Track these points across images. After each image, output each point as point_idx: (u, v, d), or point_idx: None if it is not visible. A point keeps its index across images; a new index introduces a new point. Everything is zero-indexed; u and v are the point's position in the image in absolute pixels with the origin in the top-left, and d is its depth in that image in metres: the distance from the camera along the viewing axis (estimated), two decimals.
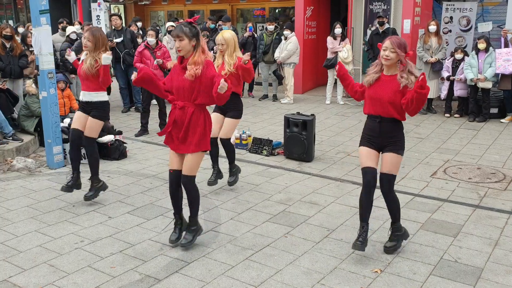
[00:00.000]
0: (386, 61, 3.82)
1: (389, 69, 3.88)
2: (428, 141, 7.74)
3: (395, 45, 3.76)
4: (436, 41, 9.43)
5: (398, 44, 3.77)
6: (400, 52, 3.76)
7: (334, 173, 6.22)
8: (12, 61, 8.22)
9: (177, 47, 3.90)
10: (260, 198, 5.42)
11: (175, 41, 3.91)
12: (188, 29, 3.89)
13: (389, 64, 3.83)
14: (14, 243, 4.35)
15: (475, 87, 8.90)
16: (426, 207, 5.11)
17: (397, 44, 3.76)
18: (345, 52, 10.11)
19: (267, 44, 10.83)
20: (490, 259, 4.04)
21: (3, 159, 6.71)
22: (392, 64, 3.84)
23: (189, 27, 3.90)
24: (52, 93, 6.40)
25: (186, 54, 3.94)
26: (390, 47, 3.77)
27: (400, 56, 3.77)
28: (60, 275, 3.80)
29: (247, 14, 14.48)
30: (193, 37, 3.90)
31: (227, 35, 5.26)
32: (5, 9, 21.87)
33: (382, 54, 3.82)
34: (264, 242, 4.36)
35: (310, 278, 3.77)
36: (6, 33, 8.17)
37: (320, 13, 12.28)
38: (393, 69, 3.86)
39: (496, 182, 5.88)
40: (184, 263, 3.98)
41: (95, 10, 15.05)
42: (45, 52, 6.27)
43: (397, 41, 3.78)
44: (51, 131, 6.45)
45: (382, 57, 3.83)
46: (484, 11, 11.01)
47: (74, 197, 5.46)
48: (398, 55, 3.77)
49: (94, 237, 4.47)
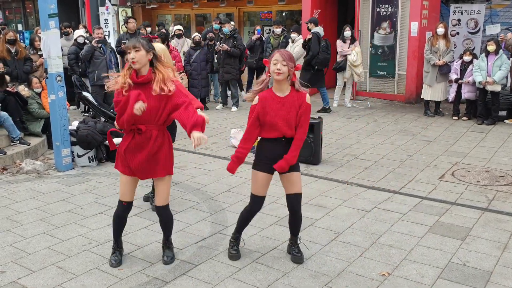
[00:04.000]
0: (279, 75, 3.61)
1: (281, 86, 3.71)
2: (436, 144, 7.71)
3: (285, 57, 3.59)
4: (444, 43, 9.39)
5: (289, 56, 3.62)
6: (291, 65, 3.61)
7: (341, 176, 6.21)
8: (18, 65, 8.29)
9: (131, 58, 3.54)
10: (267, 200, 5.37)
11: (129, 53, 3.56)
12: (146, 42, 3.62)
13: (281, 78, 3.63)
14: (23, 245, 4.38)
15: (483, 90, 8.85)
16: (434, 210, 5.09)
17: (288, 57, 3.60)
18: (354, 55, 10.10)
19: (274, 47, 10.83)
20: (499, 263, 4.01)
21: (12, 161, 6.76)
22: (284, 80, 3.66)
23: (146, 41, 3.66)
24: (60, 96, 6.45)
25: (143, 68, 3.60)
26: (281, 60, 3.58)
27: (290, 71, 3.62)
28: (68, 277, 3.82)
29: (254, 17, 14.50)
30: (150, 50, 3.61)
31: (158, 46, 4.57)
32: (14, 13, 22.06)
33: (273, 69, 3.61)
34: (271, 244, 4.36)
35: (317, 281, 3.77)
36: (10, 37, 8.25)
37: (327, 16, 12.27)
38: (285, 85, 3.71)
39: (505, 185, 5.84)
40: (192, 266, 3.99)
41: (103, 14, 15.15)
42: (53, 56, 6.31)
43: (286, 53, 3.63)
44: (59, 134, 6.49)
45: (274, 71, 3.61)
46: (492, 13, 10.96)
47: (83, 199, 5.49)
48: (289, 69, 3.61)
49: (102, 239, 4.49)
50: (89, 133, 6.70)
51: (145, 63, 3.60)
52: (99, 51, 9.09)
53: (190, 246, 4.33)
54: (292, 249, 4.11)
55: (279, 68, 3.59)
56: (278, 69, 3.59)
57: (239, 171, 6.40)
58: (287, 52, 3.70)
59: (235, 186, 5.85)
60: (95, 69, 9.02)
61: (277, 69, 3.60)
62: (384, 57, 11.12)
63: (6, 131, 7.16)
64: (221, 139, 8.19)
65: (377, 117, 9.67)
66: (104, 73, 8.99)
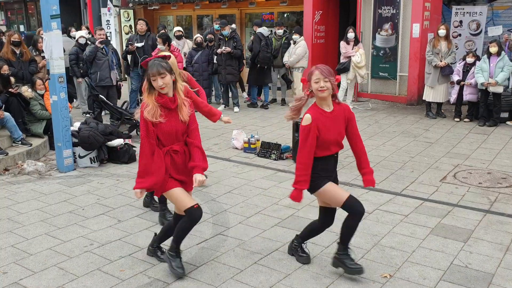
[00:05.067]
0: (324, 93, 3.56)
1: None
2: (437, 145, 7.70)
3: (325, 73, 3.54)
4: (445, 45, 9.38)
5: (328, 71, 3.56)
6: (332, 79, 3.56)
7: (343, 178, 6.20)
8: (23, 66, 8.33)
9: (160, 86, 3.54)
10: (268, 202, 5.42)
11: (154, 80, 3.56)
12: (166, 64, 3.61)
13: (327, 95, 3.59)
14: (25, 245, 4.39)
15: (485, 91, 8.84)
16: (436, 212, 5.08)
17: (328, 72, 3.55)
18: (358, 56, 10.10)
19: (275, 49, 10.84)
20: (501, 265, 4.00)
21: (14, 162, 6.77)
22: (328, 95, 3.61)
23: (165, 62, 3.65)
24: (62, 97, 6.45)
25: (169, 92, 3.63)
26: (322, 78, 3.53)
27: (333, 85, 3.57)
28: (69, 278, 3.82)
29: (255, 18, 14.51)
30: (171, 71, 3.63)
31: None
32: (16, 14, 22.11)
33: (316, 87, 3.56)
34: (273, 246, 4.35)
35: (319, 282, 3.76)
36: (15, 39, 8.29)
37: (329, 18, 12.28)
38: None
39: (507, 187, 5.83)
40: (193, 267, 3.99)
41: (105, 15, 15.18)
42: (56, 57, 6.32)
43: (325, 68, 3.58)
44: (61, 135, 6.49)
45: (318, 90, 3.56)
46: (494, 15, 10.95)
47: (84, 200, 5.49)
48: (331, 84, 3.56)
49: (103, 240, 4.49)
50: (90, 134, 6.70)
51: (171, 85, 3.64)
52: (101, 52, 9.10)
53: (191, 248, 4.33)
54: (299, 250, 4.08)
55: (322, 85, 3.54)
56: (322, 86, 3.54)
57: (240, 173, 6.42)
58: (325, 67, 3.60)
59: (237, 188, 5.85)
60: (97, 70, 9.03)
61: (320, 87, 3.55)
62: (385, 59, 11.12)
63: (8, 132, 7.18)
64: (223, 140, 8.19)
65: (378, 119, 9.67)
66: (106, 74, 9.03)
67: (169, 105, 3.62)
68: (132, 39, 9.95)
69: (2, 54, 8.26)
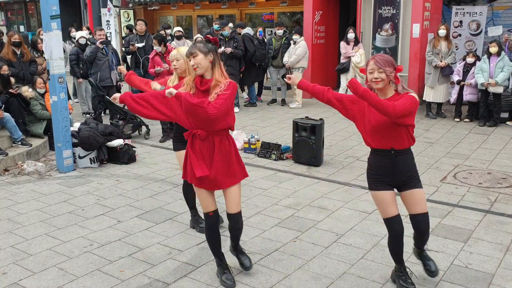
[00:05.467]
0: (378, 84, 3.33)
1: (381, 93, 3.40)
2: (437, 145, 7.69)
3: (380, 63, 3.30)
4: (445, 45, 9.38)
5: (384, 61, 3.31)
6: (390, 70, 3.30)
7: (343, 178, 6.20)
8: (23, 66, 8.33)
9: (192, 66, 3.49)
10: (268, 202, 5.41)
11: (190, 60, 3.53)
12: (202, 45, 3.49)
13: (381, 87, 3.34)
14: (24, 246, 4.38)
15: (485, 92, 8.84)
16: (436, 212, 5.07)
17: (382, 62, 3.30)
18: (358, 57, 10.10)
19: (276, 49, 10.85)
20: (501, 265, 4.00)
21: (13, 163, 6.77)
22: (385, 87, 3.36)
23: (203, 43, 3.52)
24: (62, 97, 6.45)
25: (205, 73, 3.50)
26: (376, 68, 3.30)
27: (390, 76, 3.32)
28: (69, 279, 3.82)
29: (255, 18, 14.51)
30: (209, 52, 3.47)
31: (183, 49, 4.51)
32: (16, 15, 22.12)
33: (370, 78, 3.35)
34: (272, 246, 4.35)
35: (319, 283, 3.76)
36: (15, 39, 8.30)
37: (329, 18, 12.28)
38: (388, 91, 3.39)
39: (507, 187, 5.83)
40: (193, 267, 3.98)
41: (105, 16, 15.19)
42: (55, 57, 6.32)
43: (381, 58, 3.33)
44: (61, 135, 6.49)
45: (372, 81, 3.34)
46: (494, 15, 10.95)
47: (84, 201, 5.49)
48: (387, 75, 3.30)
49: (103, 240, 4.49)
50: (90, 134, 6.70)
51: (207, 66, 3.49)
52: (101, 53, 9.10)
53: (191, 248, 4.33)
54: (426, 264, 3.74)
55: (376, 76, 3.31)
56: (375, 77, 3.32)
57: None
58: (382, 57, 3.35)
59: None
60: (97, 70, 9.02)
61: (374, 78, 3.32)
62: None
63: (8, 132, 7.18)
64: None
65: None
66: (107, 74, 9.03)
67: (198, 85, 3.51)
68: (132, 40, 9.95)
69: (2, 55, 8.26)
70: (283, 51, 10.76)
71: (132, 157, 7.01)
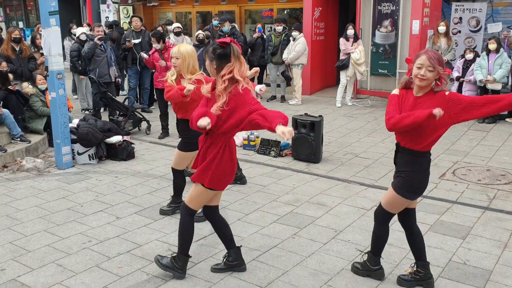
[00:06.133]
0: (422, 82, 3.17)
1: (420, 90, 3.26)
2: (436, 142, 7.67)
3: (434, 61, 3.12)
4: (445, 42, 9.37)
5: (438, 60, 3.13)
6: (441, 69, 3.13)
7: (342, 174, 6.20)
8: (22, 63, 8.31)
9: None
10: (267, 199, 5.42)
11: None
12: (210, 49, 3.39)
13: (425, 85, 3.20)
14: (23, 242, 4.38)
15: (484, 88, 8.84)
16: (435, 209, 5.08)
17: (437, 60, 3.12)
18: (357, 53, 10.08)
19: (275, 45, 10.83)
20: (499, 262, 4.01)
21: (12, 159, 6.76)
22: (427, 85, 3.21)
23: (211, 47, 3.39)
24: (61, 93, 6.44)
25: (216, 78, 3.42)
26: (427, 65, 3.13)
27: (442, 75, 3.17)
28: (68, 275, 3.82)
29: (255, 15, 14.49)
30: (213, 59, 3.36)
31: (183, 48, 4.56)
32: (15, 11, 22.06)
33: (417, 73, 3.17)
34: (271, 243, 4.35)
35: (317, 279, 3.76)
36: (15, 35, 8.27)
37: (328, 14, 12.26)
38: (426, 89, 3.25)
39: (506, 183, 5.83)
40: (191, 264, 3.98)
41: (104, 12, 15.16)
42: (54, 53, 6.30)
43: (435, 56, 3.14)
44: (60, 132, 6.49)
45: (417, 76, 3.18)
46: (494, 11, 10.94)
47: (83, 197, 5.49)
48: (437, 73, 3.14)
49: (101, 237, 4.49)
50: (89, 131, 6.70)
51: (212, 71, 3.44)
52: (100, 49, 9.08)
53: None
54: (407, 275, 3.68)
55: (423, 74, 3.14)
56: (422, 75, 3.14)
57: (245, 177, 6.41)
58: (436, 54, 3.16)
59: (236, 185, 5.85)
60: (96, 66, 9.00)
61: (420, 75, 3.15)
62: (385, 56, 11.09)
63: (7, 129, 7.17)
64: None
65: (377, 116, 9.65)
66: (105, 70, 9.01)
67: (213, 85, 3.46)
68: (128, 37, 9.93)
69: (1, 51, 8.24)
70: (282, 47, 10.75)
71: (131, 153, 7.00)
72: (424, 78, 3.15)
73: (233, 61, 3.33)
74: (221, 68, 3.34)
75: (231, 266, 3.83)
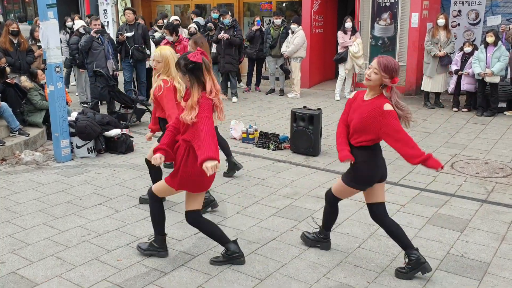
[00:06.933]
0: (366, 81, 3.50)
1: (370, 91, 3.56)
2: (435, 135, 7.70)
3: (381, 66, 3.38)
4: (444, 34, 9.35)
5: (385, 66, 3.38)
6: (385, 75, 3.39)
7: (341, 168, 6.20)
8: (20, 56, 8.29)
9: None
10: (266, 192, 5.43)
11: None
12: (181, 61, 3.46)
13: (370, 85, 3.49)
14: (22, 235, 4.39)
15: (483, 82, 8.83)
16: (433, 202, 5.09)
17: (383, 66, 3.38)
18: (355, 46, 10.06)
19: (274, 38, 10.79)
20: (497, 254, 4.03)
21: (11, 152, 6.76)
22: (373, 86, 3.49)
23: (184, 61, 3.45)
24: (59, 87, 6.43)
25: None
26: (374, 67, 3.42)
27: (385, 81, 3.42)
28: (67, 268, 3.84)
29: (254, 7, 14.43)
30: (186, 73, 3.44)
31: (164, 52, 4.55)
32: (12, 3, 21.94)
33: (366, 72, 3.52)
34: (270, 235, 4.37)
35: (315, 271, 3.78)
36: (13, 29, 8.25)
37: (327, 7, 12.22)
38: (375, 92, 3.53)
39: (504, 176, 5.85)
40: (190, 257, 4.00)
41: (102, 4, 15.09)
42: (52, 46, 6.28)
43: (384, 62, 3.39)
44: (58, 125, 6.48)
45: (366, 74, 3.50)
46: (493, 4, 10.90)
47: (81, 190, 5.49)
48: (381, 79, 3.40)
49: (101, 230, 4.50)
50: (88, 124, 6.69)
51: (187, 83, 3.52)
52: (97, 42, 9.04)
53: (189, 237, 4.34)
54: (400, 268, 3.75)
55: (368, 74, 3.46)
56: (368, 74, 3.46)
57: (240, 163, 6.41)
58: (386, 61, 3.40)
59: (235, 178, 5.86)
60: (93, 60, 8.96)
61: (367, 74, 3.48)
62: (384, 48, 11.07)
63: (5, 122, 7.16)
64: (221, 130, 8.13)
65: None
66: (102, 63, 8.98)
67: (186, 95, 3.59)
68: (121, 30, 9.90)
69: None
70: (281, 40, 10.71)
71: (129, 147, 7.00)
72: (368, 78, 3.46)
73: (206, 75, 3.44)
74: (194, 81, 3.44)
75: (230, 259, 3.85)
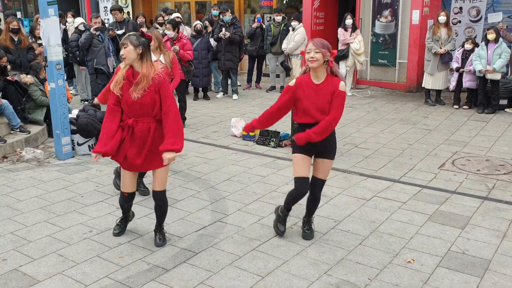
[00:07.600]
0: (313, 63, 3.75)
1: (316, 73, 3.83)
2: (436, 132, 7.70)
3: (318, 45, 3.72)
4: (445, 32, 9.34)
5: (321, 43, 3.75)
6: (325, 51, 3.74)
7: (341, 165, 6.21)
8: (21, 53, 8.29)
9: (121, 55, 3.73)
10: (267, 189, 5.43)
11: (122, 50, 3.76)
12: (135, 37, 3.71)
13: (317, 66, 3.76)
14: (24, 233, 4.40)
15: (484, 79, 8.82)
16: (434, 199, 5.10)
17: (320, 44, 3.73)
18: (356, 43, 10.05)
19: (274, 35, 10.79)
20: (498, 251, 4.03)
21: (12, 150, 6.77)
22: (319, 66, 3.78)
23: (136, 36, 3.74)
24: (60, 84, 6.43)
25: (135, 64, 3.72)
26: (313, 48, 3.72)
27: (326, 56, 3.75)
28: (69, 265, 3.84)
29: (254, 4, 14.40)
30: (139, 45, 3.69)
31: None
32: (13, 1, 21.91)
33: (307, 57, 3.76)
34: (271, 233, 4.37)
35: (317, 268, 3.79)
36: (14, 26, 8.24)
37: (328, 4, 12.19)
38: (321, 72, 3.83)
39: (505, 174, 5.85)
40: (192, 253, 4.01)
41: (103, 2, 15.06)
42: (53, 44, 6.28)
43: (319, 41, 3.77)
44: (59, 122, 6.48)
45: (308, 60, 3.76)
46: (494, 1, 10.87)
47: (83, 187, 5.50)
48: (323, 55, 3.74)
49: (102, 227, 4.51)
50: (89, 121, 6.69)
51: (134, 58, 3.71)
52: (97, 39, 9.04)
53: (190, 234, 4.35)
54: (304, 228, 4.29)
55: (312, 56, 3.72)
56: (312, 57, 3.72)
57: (239, 160, 6.43)
58: (320, 40, 3.80)
59: (236, 175, 5.86)
60: (93, 57, 8.97)
61: (310, 57, 3.72)
62: (385, 46, 11.06)
63: (6, 120, 7.16)
64: (222, 128, 8.18)
65: (377, 106, 9.66)
66: (103, 61, 8.98)
67: (130, 78, 3.74)
68: (111, 27, 9.93)
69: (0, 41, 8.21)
70: (281, 37, 10.70)
71: None
72: (313, 59, 3.72)
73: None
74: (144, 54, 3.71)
75: None
